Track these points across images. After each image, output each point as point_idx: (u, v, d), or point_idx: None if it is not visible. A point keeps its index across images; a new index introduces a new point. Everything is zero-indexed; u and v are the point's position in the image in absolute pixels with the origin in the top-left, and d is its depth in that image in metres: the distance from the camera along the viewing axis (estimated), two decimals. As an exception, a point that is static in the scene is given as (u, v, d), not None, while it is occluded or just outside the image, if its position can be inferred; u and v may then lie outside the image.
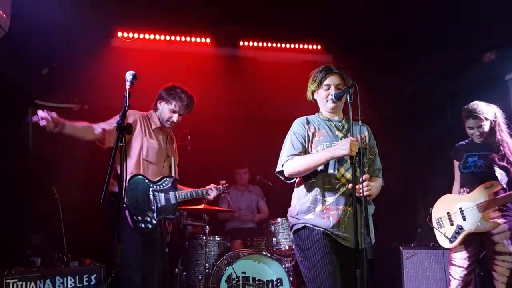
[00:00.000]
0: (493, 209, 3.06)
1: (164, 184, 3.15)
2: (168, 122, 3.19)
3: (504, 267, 2.98)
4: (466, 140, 3.36)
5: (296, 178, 2.52)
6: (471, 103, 3.23)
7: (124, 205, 2.88)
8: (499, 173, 3.09)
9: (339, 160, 2.38)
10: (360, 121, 2.50)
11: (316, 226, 2.36)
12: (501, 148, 3.09)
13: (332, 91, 2.46)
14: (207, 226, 4.09)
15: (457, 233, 3.11)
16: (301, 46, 5.03)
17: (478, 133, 3.18)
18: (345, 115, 2.58)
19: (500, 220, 3.04)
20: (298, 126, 2.52)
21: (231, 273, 3.83)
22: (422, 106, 3.82)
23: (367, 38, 4.69)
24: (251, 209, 5.05)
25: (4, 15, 3.18)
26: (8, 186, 4.13)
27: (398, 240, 4.28)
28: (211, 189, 3.39)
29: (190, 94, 3.24)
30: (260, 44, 4.98)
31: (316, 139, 2.45)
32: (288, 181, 2.54)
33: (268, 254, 3.99)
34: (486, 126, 3.16)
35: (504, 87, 4.22)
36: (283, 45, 5.02)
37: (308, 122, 2.51)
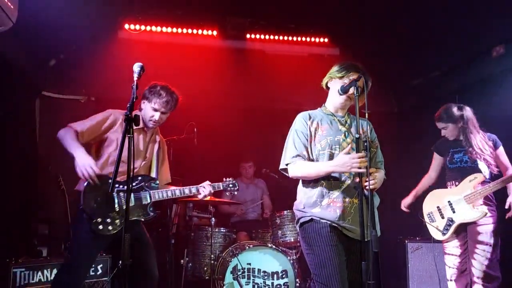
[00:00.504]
0: (479, 199, 3.26)
1: (135, 184, 2.89)
2: (151, 122, 2.99)
3: (483, 256, 3.19)
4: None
5: None
6: (443, 106, 3.51)
7: (80, 207, 2.71)
8: (483, 165, 3.33)
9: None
10: (366, 116, 2.51)
11: (323, 219, 2.39)
12: (473, 148, 3.33)
13: (351, 90, 2.44)
14: (213, 218, 4.11)
15: (448, 225, 3.30)
16: (308, 39, 5.01)
17: (444, 134, 3.50)
18: (351, 112, 2.60)
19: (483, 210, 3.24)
20: (300, 123, 2.54)
21: (237, 264, 3.85)
22: (429, 101, 3.81)
23: (374, 31, 4.66)
24: (256, 201, 5.06)
25: (11, 6, 3.18)
26: (16, 177, 4.17)
27: (404, 233, 4.29)
28: (203, 187, 3.06)
29: (171, 91, 3.04)
30: (267, 36, 4.96)
31: (320, 134, 2.48)
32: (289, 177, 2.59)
33: (274, 246, 4.01)
34: (451, 128, 3.44)
35: (513, 81, 4.19)
36: (290, 38, 5.00)
37: (310, 118, 2.53)
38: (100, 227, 2.70)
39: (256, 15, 4.82)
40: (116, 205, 2.77)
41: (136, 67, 2.37)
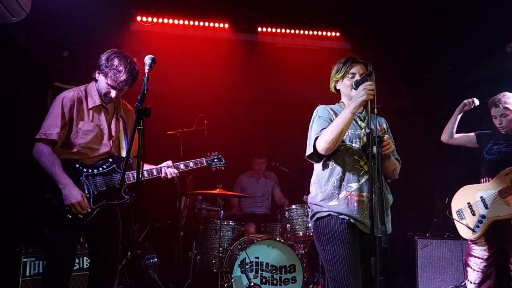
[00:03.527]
0: None
1: (104, 167, 2.71)
2: (107, 99, 2.73)
3: None
4: (490, 130, 3.37)
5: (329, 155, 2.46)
6: (501, 93, 3.26)
7: (46, 196, 2.56)
8: None
9: (363, 148, 2.39)
10: (376, 110, 2.47)
11: (341, 214, 2.36)
12: None
13: (357, 78, 2.47)
14: (222, 211, 4.12)
15: (480, 222, 3.08)
16: (319, 33, 4.96)
17: (499, 122, 3.22)
18: (364, 107, 2.55)
19: None
20: (322, 110, 2.52)
21: (245, 257, 3.86)
22: (441, 96, 3.75)
23: (386, 26, 4.60)
24: (266, 196, 5.05)
25: (25, -3, 3.20)
26: (28, 167, 4.21)
27: (415, 230, 4.25)
28: (168, 166, 2.84)
29: (131, 67, 2.68)
30: (279, 30, 4.93)
31: None
32: (319, 163, 2.51)
33: (282, 240, 4.00)
34: (510, 116, 3.20)
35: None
36: (302, 32, 4.96)
37: (331, 109, 2.52)
38: (70, 215, 2.55)
39: (267, 8, 4.79)
40: (86, 191, 2.62)
41: (148, 59, 2.34)
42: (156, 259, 4.24)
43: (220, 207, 4.15)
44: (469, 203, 3.19)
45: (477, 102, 3.33)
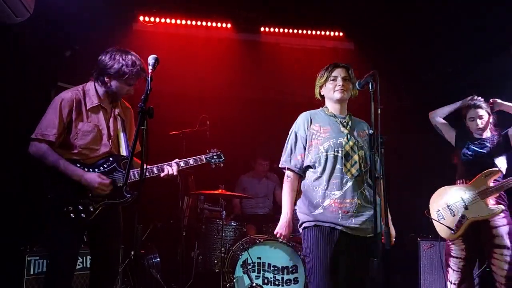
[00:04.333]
0: (494, 196, 3.11)
1: (105, 166, 2.70)
2: (123, 95, 2.82)
3: (502, 261, 3.02)
4: (466, 131, 3.40)
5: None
6: (475, 97, 3.32)
7: (49, 196, 2.55)
8: (501, 160, 3.18)
9: (345, 156, 2.47)
10: (379, 111, 2.49)
11: (327, 222, 2.44)
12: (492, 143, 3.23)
13: (339, 82, 2.57)
14: (224, 211, 4.12)
15: (460, 222, 3.14)
16: (322, 33, 4.97)
17: (478, 124, 3.25)
18: (349, 111, 2.68)
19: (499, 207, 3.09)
20: (301, 126, 2.61)
21: (247, 258, 3.86)
22: (441, 97, 3.75)
23: (388, 26, 4.60)
24: (268, 196, 5.05)
25: (29, -3, 3.21)
26: (31, 167, 4.22)
27: (416, 231, 4.24)
28: (170, 166, 2.84)
29: (137, 59, 2.77)
30: (281, 30, 4.93)
31: (322, 136, 2.53)
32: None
33: (284, 241, 3.99)
34: (486, 117, 3.27)
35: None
36: (305, 32, 4.96)
37: (311, 120, 2.59)
38: (73, 215, 2.55)
39: (270, 8, 4.79)
40: (88, 191, 2.61)
41: (151, 59, 2.33)
42: (158, 259, 4.25)
43: (222, 207, 4.15)
44: (448, 204, 3.23)
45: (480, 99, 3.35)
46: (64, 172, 2.58)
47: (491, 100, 3.29)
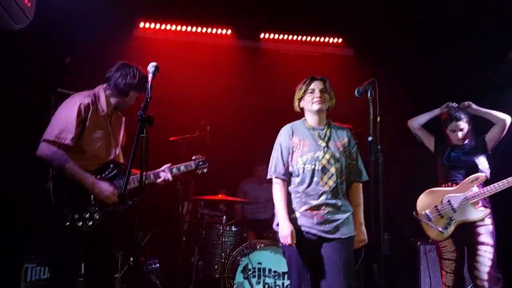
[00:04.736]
0: (481, 199, 3.20)
1: (107, 173, 2.71)
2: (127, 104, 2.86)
3: (486, 257, 3.10)
4: (443, 139, 3.49)
5: None
6: (452, 105, 3.40)
7: (53, 204, 2.50)
8: (480, 160, 3.28)
9: (322, 169, 2.60)
10: (379, 119, 2.52)
11: (302, 226, 2.59)
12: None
13: (317, 94, 2.69)
14: (224, 216, 4.12)
15: (448, 224, 3.21)
16: (322, 39, 5.00)
17: (459, 136, 3.35)
18: (328, 119, 2.78)
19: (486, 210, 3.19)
20: (284, 137, 2.75)
21: (247, 263, 3.86)
22: (442, 103, 3.79)
23: (388, 34, 4.64)
24: (270, 201, 5.03)
25: (29, 4, 3.21)
26: (29, 174, 4.21)
27: (415, 235, 4.24)
28: (163, 171, 2.90)
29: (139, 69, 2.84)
30: (281, 36, 4.97)
31: (301, 149, 2.66)
32: None
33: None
34: (466, 129, 3.36)
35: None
36: (304, 38, 4.99)
37: (293, 133, 2.73)
38: (80, 223, 2.51)
39: (270, 15, 4.82)
40: (92, 198, 2.59)
41: (151, 67, 2.34)
42: (158, 265, 4.23)
43: (222, 213, 4.15)
44: (436, 206, 3.28)
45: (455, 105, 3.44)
46: (74, 177, 2.55)
47: (466, 103, 3.37)
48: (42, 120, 4.56)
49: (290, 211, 2.64)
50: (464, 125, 3.36)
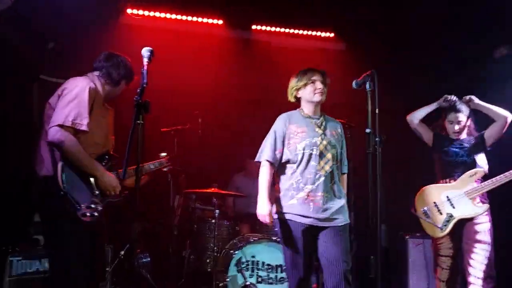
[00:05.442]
0: (480, 194, 3.20)
1: (103, 164, 2.66)
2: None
3: (482, 255, 3.13)
4: (443, 133, 3.48)
5: None
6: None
7: (62, 193, 2.41)
8: (482, 159, 3.28)
9: (320, 154, 2.71)
10: (377, 111, 2.54)
11: (298, 215, 2.69)
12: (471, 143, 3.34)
13: (318, 85, 2.79)
14: (217, 210, 4.07)
15: (447, 221, 3.20)
16: (313, 33, 5.00)
17: (456, 128, 3.34)
18: (322, 111, 2.89)
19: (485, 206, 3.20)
20: (280, 125, 2.84)
21: (241, 257, 3.84)
22: (430, 99, 3.88)
23: (380, 28, 4.68)
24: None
25: (9, -14, 3.04)
26: (12, 165, 4.03)
27: (404, 229, 4.34)
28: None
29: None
30: (273, 28, 4.94)
31: (300, 136, 2.76)
32: None
33: (278, 239, 4.00)
34: (464, 122, 3.36)
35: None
36: (296, 31, 4.98)
37: (290, 121, 2.82)
38: (88, 213, 2.46)
39: (262, 6, 4.76)
40: (96, 189, 2.54)
41: (146, 52, 2.28)
42: (149, 259, 4.16)
43: (215, 206, 4.10)
44: (435, 202, 3.28)
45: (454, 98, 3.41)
46: (84, 165, 2.48)
47: (467, 97, 3.36)
48: (24, 108, 4.38)
49: (288, 197, 2.74)
50: (462, 117, 3.34)
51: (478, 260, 3.12)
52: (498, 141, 3.35)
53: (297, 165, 2.73)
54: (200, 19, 4.77)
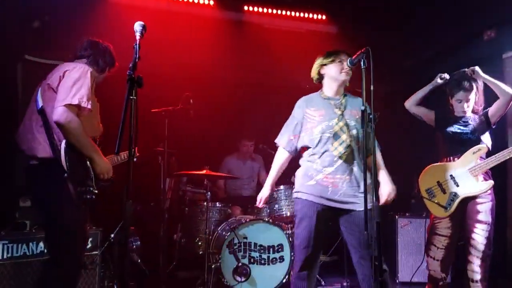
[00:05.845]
0: (484, 171, 3.15)
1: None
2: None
3: (482, 236, 3.10)
4: (447, 111, 3.39)
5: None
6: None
7: (65, 175, 2.41)
8: (486, 136, 3.23)
9: (334, 135, 2.69)
10: (372, 87, 2.52)
11: (317, 197, 2.70)
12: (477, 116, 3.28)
13: (346, 65, 2.72)
14: (209, 193, 4.03)
15: (452, 200, 3.17)
16: (305, 15, 4.96)
17: (464, 107, 3.26)
18: (349, 90, 2.87)
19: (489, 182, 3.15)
20: (297, 110, 2.87)
21: (233, 238, 3.82)
22: (422, 81, 3.88)
23: (372, 12, 4.67)
24: (252, 178, 5.02)
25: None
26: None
27: (395, 210, 4.38)
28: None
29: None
30: (265, 10, 4.87)
31: (317, 119, 2.75)
32: None
33: (270, 220, 4.00)
34: (473, 100, 3.28)
35: (500, 65, 4.29)
36: (288, 13, 4.93)
37: (307, 105, 2.82)
38: (88, 196, 2.48)
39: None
40: (91, 172, 2.54)
41: (138, 26, 2.22)
42: (139, 242, 4.11)
43: (207, 189, 4.06)
44: (439, 181, 3.23)
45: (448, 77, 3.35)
46: (85, 147, 2.48)
47: (471, 69, 3.25)
48: (8, 89, 4.24)
49: (307, 177, 2.76)
50: (472, 96, 3.23)
51: (478, 240, 3.09)
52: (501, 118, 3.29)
53: (315, 149, 2.75)
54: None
